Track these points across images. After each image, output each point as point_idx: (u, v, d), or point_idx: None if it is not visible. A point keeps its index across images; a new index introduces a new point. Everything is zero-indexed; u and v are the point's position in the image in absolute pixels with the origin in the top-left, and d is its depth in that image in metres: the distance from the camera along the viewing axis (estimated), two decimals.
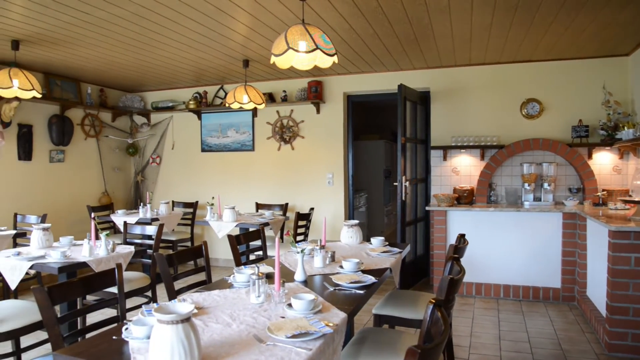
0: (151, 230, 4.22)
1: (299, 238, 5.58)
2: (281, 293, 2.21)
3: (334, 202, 6.40)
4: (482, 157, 5.67)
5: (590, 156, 5.29)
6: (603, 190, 5.05)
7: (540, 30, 4.31)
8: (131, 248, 3.85)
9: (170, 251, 5.83)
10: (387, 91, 6.14)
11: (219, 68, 5.82)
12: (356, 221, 3.96)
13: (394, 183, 8.19)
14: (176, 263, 2.99)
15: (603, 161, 5.29)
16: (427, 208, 5.57)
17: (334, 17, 3.89)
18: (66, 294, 2.25)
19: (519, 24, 4.15)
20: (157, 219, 5.71)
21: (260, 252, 3.87)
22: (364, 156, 8.94)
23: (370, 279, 2.63)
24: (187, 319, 1.49)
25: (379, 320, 3.09)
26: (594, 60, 5.32)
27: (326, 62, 2.98)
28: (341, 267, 2.90)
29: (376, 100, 6.48)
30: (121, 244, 4.08)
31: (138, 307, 3.86)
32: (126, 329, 1.83)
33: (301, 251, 2.66)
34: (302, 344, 1.71)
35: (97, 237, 3.71)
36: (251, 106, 5.28)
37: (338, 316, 2.03)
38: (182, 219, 6.51)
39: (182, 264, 6.58)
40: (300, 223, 5.57)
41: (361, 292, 2.43)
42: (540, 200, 5.40)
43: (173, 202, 6.93)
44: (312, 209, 5.93)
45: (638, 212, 3.98)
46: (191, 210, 6.73)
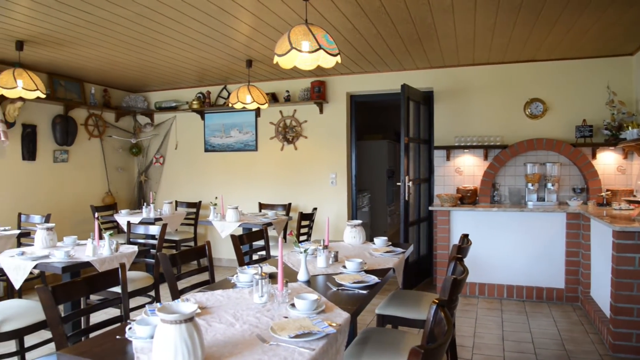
0: (154, 230, 4.23)
1: (302, 238, 5.58)
2: (284, 293, 2.21)
3: (337, 202, 6.40)
4: (486, 157, 5.66)
5: (594, 156, 5.27)
6: (607, 190, 5.04)
7: (544, 30, 4.30)
8: (135, 248, 3.86)
9: (173, 251, 5.83)
10: (390, 91, 6.14)
11: (222, 68, 5.83)
12: (359, 221, 3.96)
13: (397, 183, 8.18)
14: (179, 263, 2.99)
15: (607, 161, 5.27)
16: (431, 208, 5.56)
17: (337, 17, 3.89)
18: (70, 294, 2.26)
19: (523, 24, 4.14)
20: (161, 219, 5.72)
21: (263, 252, 3.88)
22: (367, 156, 8.94)
23: (373, 279, 2.63)
24: (191, 319, 1.50)
25: (382, 320, 3.09)
26: (598, 60, 5.30)
27: (329, 62, 2.98)
28: (344, 267, 2.90)
29: (379, 100, 6.47)
30: (125, 244, 4.08)
31: (141, 307, 3.86)
32: (130, 329, 1.83)
33: (304, 251, 2.66)
34: (305, 344, 1.71)
35: (101, 237, 3.72)
36: (254, 106, 5.29)
37: (341, 316, 2.03)
38: (186, 219, 6.53)
39: (186, 264, 6.59)
40: (303, 223, 5.57)
41: (364, 292, 2.42)
42: (544, 200, 5.39)
43: (176, 202, 6.94)
44: (315, 209, 5.93)
45: None
46: (194, 210, 6.74)
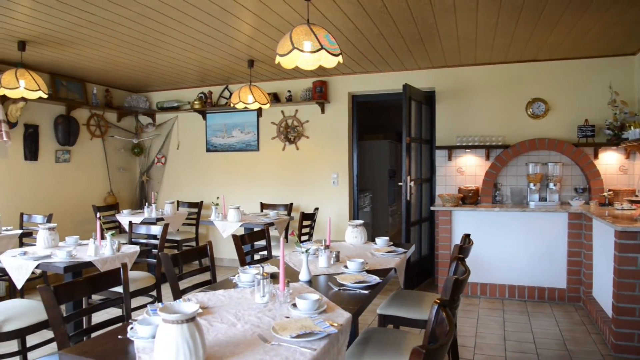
0: (156, 230, 4.24)
1: (304, 238, 5.58)
2: (286, 293, 2.21)
3: (339, 202, 6.39)
4: (488, 157, 5.65)
5: (596, 156, 5.26)
6: (609, 190, 5.03)
7: (546, 29, 4.29)
8: (136, 248, 3.86)
9: (175, 251, 5.84)
10: (392, 91, 6.14)
11: (224, 68, 5.83)
12: (361, 221, 3.96)
13: (399, 183, 8.17)
14: (181, 263, 2.99)
15: (609, 161, 5.26)
16: (432, 208, 5.56)
17: (339, 17, 3.89)
18: (72, 294, 2.26)
19: (525, 24, 4.13)
20: (162, 219, 5.73)
21: (264, 252, 3.88)
22: (369, 156, 8.93)
23: (374, 279, 2.63)
24: (192, 319, 1.50)
25: (384, 320, 3.09)
26: (600, 59, 5.29)
27: (331, 62, 2.98)
28: (346, 267, 2.90)
29: (381, 100, 6.47)
30: (126, 244, 4.09)
31: (143, 307, 3.86)
32: (131, 329, 1.83)
33: (306, 251, 2.66)
34: (307, 344, 1.71)
35: (103, 237, 3.72)
36: (256, 106, 5.29)
37: (342, 316, 2.03)
38: (187, 219, 6.53)
39: (187, 264, 6.60)
40: (304, 223, 5.57)
41: (366, 292, 2.42)
42: (545, 200, 5.38)
43: (178, 202, 6.95)
44: (317, 209, 5.93)
45: None
46: (196, 210, 6.75)
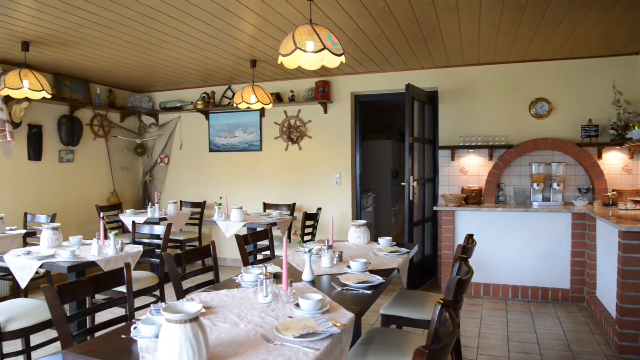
0: (159, 229, 4.24)
1: (307, 238, 5.59)
2: (289, 293, 2.21)
3: (342, 202, 6.39)
4: (491, 157, 5.64)
5: (600, 156, 5.24)
6: (613, 190, 5.01)
7: (549, 29, 4.28)
8: (139, 247, 3.87)
9: (178, 251, 5.86)
10: (395, 91, 6.13)
11: (227, 68, 5.84)
12: (364, 221, 3.96)
13: (402, 183, 8.15)
14: (184, 262, 3.00)
15: (613, 161, 5.24)
16: (435, 208, 5.55)
17: (342, 17, 3.89)
18: (75, 293, 2.27)
19: (528, 23, 4.12)
20: (165, 219, 5.73)
21: (267, 252, 3.88)
22: (372, 156, 8.93)
23: (377, 279, 2.63)
24: (196, 318, 1.50)
25: (387, 320, 3.09)
26: (604, 59, 5.27)
27: (334, 62, 2.98)
28: (349, 267, 2.90)
29: (384, 100, 6.46)
30: (130, 244, 4.10)
31: (146, 306, 3.88)
32: (135, 328, 1.84)
33: (309, 251, 2.66)
34: (310, 344, 1.71)
35: (106, 237, 3.73)
36: (259, 106, 5.29)
37: (345, 316, 2.03)
38: (190, 219, 6.54)
39: (190, 264, 6.60)
40: (307, 223, 5.57)
41: (369, 292, 2.42)
42: (549, 200, 5.36)
43: (181, 202, 6.96)
44: (320, 209, 5.93)
45: None
46: (199, 210, 6.75)
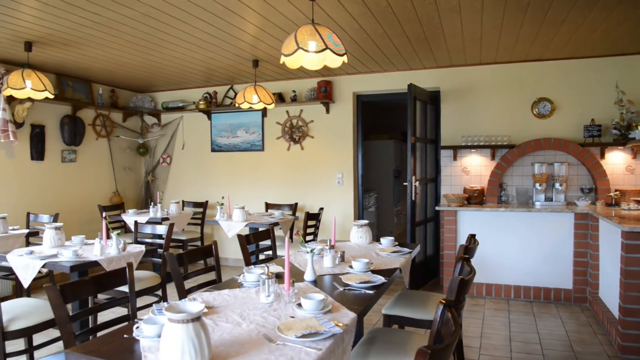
0: (161, 229, 4.25)
1: (309, 238, 5.59)
2: (291, 293, 2.21)
3: (344, 202, 6.39)
4: (493, 157, 5.63)
5: (602, 156, 5.23)
6: (616, 190, 5.00)
7: (551, 28, 4.27)
8: (142, 247, 3.87)
9: (180, 250, 5.86)
10: (397, 91, 6.12)
11: (229, 68, 5.84)
12: (366, 221, 3.95)
13: (404, 183, 8.14)
14: (186, 262, 3.00)
15: (616, 161, 5.23)
16: (437, 208, 5.54)
17: (344, 17, 3.89)
18: (78, 293, 2.27)
19: (530, 23, 4.11)
20: (168, 219, 5.74)
21: (269, 252, 3.88)
22: (374, 156, 8.92)
23: (379, 279, 2.62)
24: (198, 318, 1.50)
25: (389, 320, 3.09)
26: (607, 58, 5.25)
27: (336, 62, 2.98)
28: (351, 267, 2.90)
29: (386, 100, 6.46)
30: (132, 243, 4.10)
31: (148, 306, 3.88)
32: (137, 328, 1.84)
33: (311, 251, 2.66)
34: (312, 344, 1.71)
35: (109, 237, 3.74)
36: (261, 106, 5.30)
37: (348, 316, 2.03)
38: (192, 219, 6.54)
39: (192, 264, 6.62)
40: (309, 223, 5.57)
41: (371, 292, 2.42)
42: (551, 200, 5.35)
43: (183, 202, 6.97)
44: (322, 209, 5.93)
45: None
46: (201, 209, 6.76)
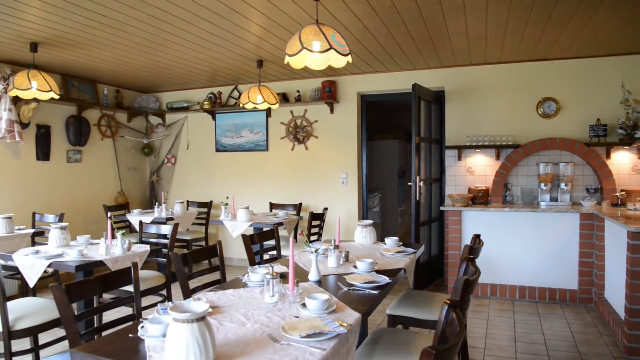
0: (166, 229, 4.26)
1: (313, 238, 5.58)
2: (295, 293, 2.21)
3: (348, 202, 6.39)
4: (498, 157, 5.61)
5: (608, 156, 5.20)
6: (622, 190, 4.97)
7: (557, 27, 4.25)
8: (147, 247, 3.89)
9: (185, 250, 5.88)
10: (401, 91, 6.11)
11: (233, 68, 5.85)
12: (370, 221, 3.95)
13: (408, 183, 8.15)
14: (191, 262, 3.01)
15: (622, 161, 5.20)
16: (442, 208, 5.53)
17: (348, 17, 3.88)
18: (83, 292, 2.28)
19: (536, 22, 4.09)
20: (172, 219, 5.76)
21: (274, 252, 3.88)
22: (378, 156, 8.91)
23: (384, 279, 2.62)
24: (202, 318, 1.51)
25: (393, 320, 3.08)
26: (612, 58, 5.22)
27: (340, 62, 2.98)
28: (355, 267, 2.90)
29: (390, 99, 6.45)
30: (137, 243, 4.12)
31: (153, 306, 3.89)
32: (142, 327, 1.85)
33: (315, 251, 2.66)
34: (316, 344, 1.71)
35: (114, 236, 3.75)
36: (265, 106, 5.30)
37: (352, 316, 2.03)
38: (197, 219, 6.56)
39: (197, 263, 6.62)
40: (314, 223, 5.57)
41: (375, 293, 2.42)
42: (556, 200, 5.33)
43: (188, 202, 6.98)
44: (326, 209, 5.92)
45: None
46: (205, 209, 6.77)
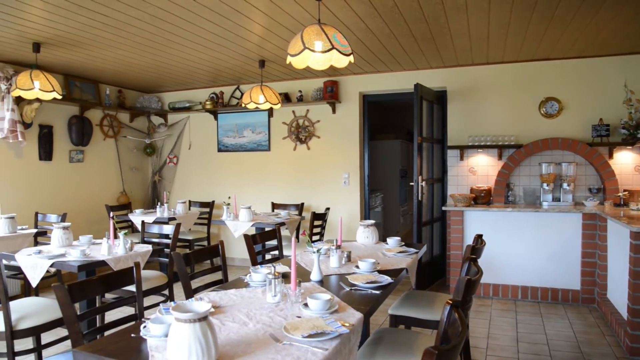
0: (168, 229, 4.26)
1: (315, 238, 5.58)
2: (297, 293, 2.21)
3: (350, 202, 6.38)
4: (500, 157, 5.60)
5: (611, 156, 5.18)
6: (624, 190, 4.96)
7: (559, 27, 4.24)
8: (149, 247, 3.89)
9: (187, 250, 5.88)
10: (403, 90, 6.11)
11: (235, 68, 5.86)
12: (372, 221, 3.95)
13: (410, 183, 8.14)
14: (193, 262, 3.01)
15: (624, 161, 5.19)
16: (444, 208, 5.52)
17: (350, 17, 3.88)
18: (86, 292, 2.28)
19: (538, 22, 4.09)
20: (174, 219, 5.76)
21: (276, 252, 3.88)
22: (380, 156, 8.91)
23: (386, 279, 2.62)
24: (205, 318, 1.51)
25: (395, 320, 3.08)
26: (615, 57, 5.21)
27: (342, 62, 2.98)
28: (357, 267, 2.90)
29: (392, 99, 6.44)
30: (139, 243, 4.12)
31: (155, 306, 3.90)
32: (144, 327, 1.85)
33: (317, 251, 2.66)
34: (319, 344, 1.70)
35: (116, 236, 3.75)
36: (267, 106, 5.30)
37: (354, 316, 2.03)
38: (199, 219, 6.56)
39: (199, 263, 6.64)
40: (316, 223, 5.57)
41: (377, 293, 2.42)
42: (559, 200, 5.31)
43: (190, 202, 6.99)
44: (328, 209, 5.92)
45: None
46: (208, 209, 6.78)
